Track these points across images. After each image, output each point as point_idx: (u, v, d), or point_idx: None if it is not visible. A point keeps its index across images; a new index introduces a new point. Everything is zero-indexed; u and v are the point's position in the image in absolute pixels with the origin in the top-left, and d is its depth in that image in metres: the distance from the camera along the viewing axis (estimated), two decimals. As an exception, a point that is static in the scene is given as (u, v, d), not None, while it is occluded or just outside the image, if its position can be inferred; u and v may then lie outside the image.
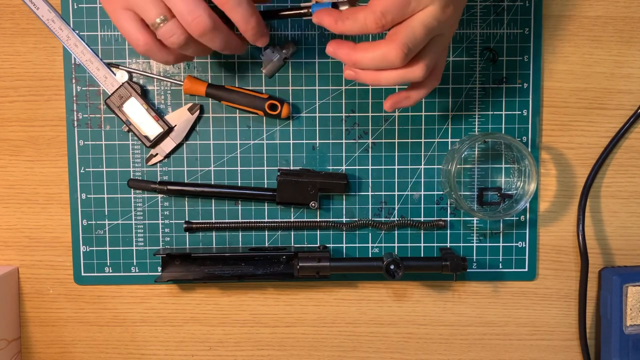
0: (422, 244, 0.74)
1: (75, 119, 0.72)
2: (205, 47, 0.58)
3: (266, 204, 0.73)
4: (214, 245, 0.73)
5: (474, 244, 0.74)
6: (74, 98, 0.72)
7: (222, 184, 0.73)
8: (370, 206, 0.73)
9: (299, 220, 0.73)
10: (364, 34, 0.56)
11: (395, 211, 0.73)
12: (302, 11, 0.59)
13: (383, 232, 0.73)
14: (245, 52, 0.71)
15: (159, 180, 0.73)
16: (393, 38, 0.55)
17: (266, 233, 0.73)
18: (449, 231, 0.74)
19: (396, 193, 0.73)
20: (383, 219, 0.73)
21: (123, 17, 0.57)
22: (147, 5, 0.55)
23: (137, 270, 0.74)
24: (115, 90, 0.71)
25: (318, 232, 0.73)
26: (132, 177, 0.73)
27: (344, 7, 0.57)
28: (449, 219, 0.73)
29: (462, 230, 0.74)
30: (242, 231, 0.73)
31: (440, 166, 0.73)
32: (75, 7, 0.71)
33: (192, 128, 0.72)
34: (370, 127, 0.72)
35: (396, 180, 0.73)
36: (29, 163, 0.73)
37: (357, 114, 0.72)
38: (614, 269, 0.73)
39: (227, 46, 0.58)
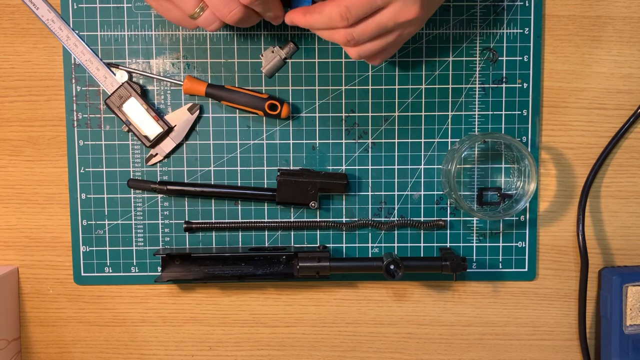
0: (422, 244, 0.74)
1: (75, 119, 0.72)
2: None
3: (266, 204, 0.73)
4: (213, 245, 0.73)
5: (474, 244, 0.74)
6: (74, 98, 0.72)
7: (222, 184, 0.73)
8: (370, 206, 0.73)
9: (299, 220, 0.73)
10: (331, 27, 0.59)
11: (395, 211, 0.73)
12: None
13: (383, 232, 0.73)
14: (245, 52, 0.71)
15: (158, 180, 0.73)
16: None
17: (266, 233, 0.73)
18: (448, 231, 0.74)
19: (396, 193, 0.73)
20: (383, 219, 0.73)
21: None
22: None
23: (137, 270, 0.74)
24: (115, 90, 0.71)
25: (318, 232, 0.73)
26: (132, 177, 0.73)
27: None
28: (448, 219, 0.73)
29: (462, 230, 0.74)
30: (242, 231, 0.73)
31: (440, 166, 0.73)
32: (75, 7, 0.71)
33: (192, 128, 0.72)
34: (370, 127, 0.72)
35: (396, 180, 0.73)
36: (29, 163, 0.73)
37: (357, 114, 0.72)
38: (614, 269, 0.73)
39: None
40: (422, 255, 0.74)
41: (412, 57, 0.72)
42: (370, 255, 0.74)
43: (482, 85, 0.72)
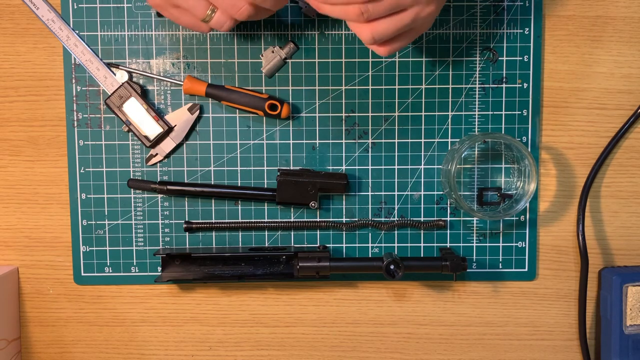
0: (422, 244, 0.74)
1: (75, 119, 0.72)
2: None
3: (266, 204, 0.73)
4: (213, 245, 0.73)
5: (474, 244, 0.74)
6: (74, 98, 0.72)
7: (222, 184, 0.73)
8: (370, 206, 0.73)
9: (299, 220, 0.73)
10: (347, 2, 0.55)
11: (395, 211, 0.73)
12: None
13: (383, 232, 0.73)
14: (245, 52, 0.71)
15: (158, 180, 0.73)
16: None
17: (266, 233, 0.73)
18: (448, 231, 0.74)
19: (396, 193, 0.73)
20: (383, 219, 0.73)
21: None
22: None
23: (137, 270, 0.74)
24: (115, 90, 0.71)
25: (318, 232, 0.73)
26: (132, 177, 0.73)
27: None
28: (449, 219, 0.73)
29: (462, 230, 0.74)
30: (242, 231, 0.73)
31: (440, 166, 0.73)
32: (75, 7, 0.71)
33: (192, 128, 0.72)
34: (370, 127, 0.72)
35: (396, 180, 0.73)
36: (29, 163, 0.73)
37: (357, 114, 0.72)
38: (614, 269, 0.73)
39: None
40: (422, 255, 0.74)
41: (412, 57, 0.72)
42: (370, 255, 0.74)
43: (482, 85, 0.72)
